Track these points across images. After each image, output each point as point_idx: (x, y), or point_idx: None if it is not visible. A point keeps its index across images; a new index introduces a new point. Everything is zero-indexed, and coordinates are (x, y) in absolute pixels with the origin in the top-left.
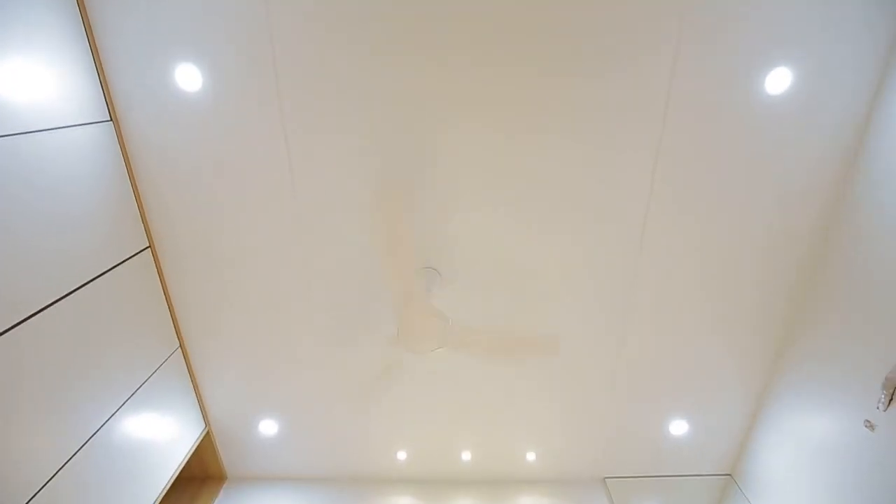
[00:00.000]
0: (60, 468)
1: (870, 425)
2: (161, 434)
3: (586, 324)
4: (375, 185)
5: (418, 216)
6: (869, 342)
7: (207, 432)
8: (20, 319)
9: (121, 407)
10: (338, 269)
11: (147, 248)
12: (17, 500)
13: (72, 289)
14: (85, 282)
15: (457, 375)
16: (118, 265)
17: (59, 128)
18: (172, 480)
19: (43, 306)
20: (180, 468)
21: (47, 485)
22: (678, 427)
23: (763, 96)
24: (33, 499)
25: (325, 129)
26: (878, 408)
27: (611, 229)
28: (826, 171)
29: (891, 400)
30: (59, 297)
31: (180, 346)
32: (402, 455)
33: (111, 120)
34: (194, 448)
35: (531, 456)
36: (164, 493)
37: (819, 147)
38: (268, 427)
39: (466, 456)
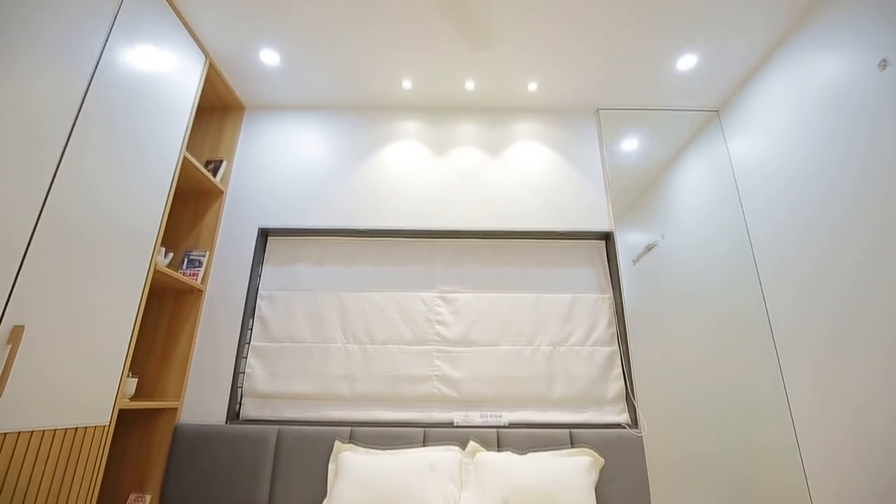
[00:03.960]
0: (80, 106)
1: (884, 64)
2: (164, 66)
3: None
4: None
5: None
6: None
7: (210, 63)
8: None
9: (108, 36)
10: None
11: None
12: (52, 139)
13: None
14: None
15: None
16: None
17: None
18: (195, 109)
19: None
20: (198, 97)
21: (75, 125)
22: (678, 61)
23: None
24: (67, 144)
25: None
26: None
27: None
28: None
29: None
30: None
31: None
32: (407, 84)
33: None
34: (203, 78)
35: (532, 86)
36: (192, 121)
37: None
38: (269, 57)
39: (470, 85)
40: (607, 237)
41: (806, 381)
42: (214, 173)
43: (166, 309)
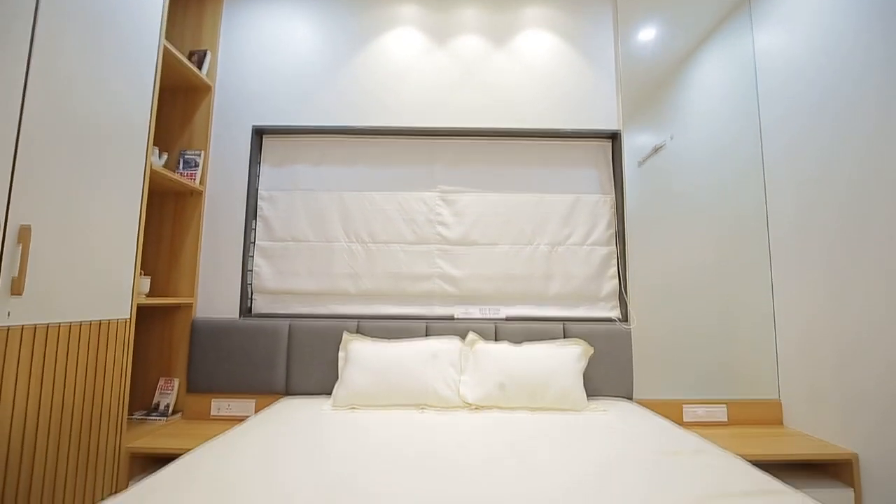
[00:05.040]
0: None
1: None
2: None
3: None
4: None
5: None
6: None
7: None
8: None
9: None
10: None
11: None
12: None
13: None
14: None
15: None
16: None
17: None
18: None
19: None
20: None
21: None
22: None
23: None
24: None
25: None
26: None
27: None
28: None
29: None
30: None
31: None
32: None
33: None
34: None
35: None
36: (167, 5)
37: None
38: None
39: None
40: (614, 137)
41: (793, 282)
42: (199, 66)
43: (168, 211)
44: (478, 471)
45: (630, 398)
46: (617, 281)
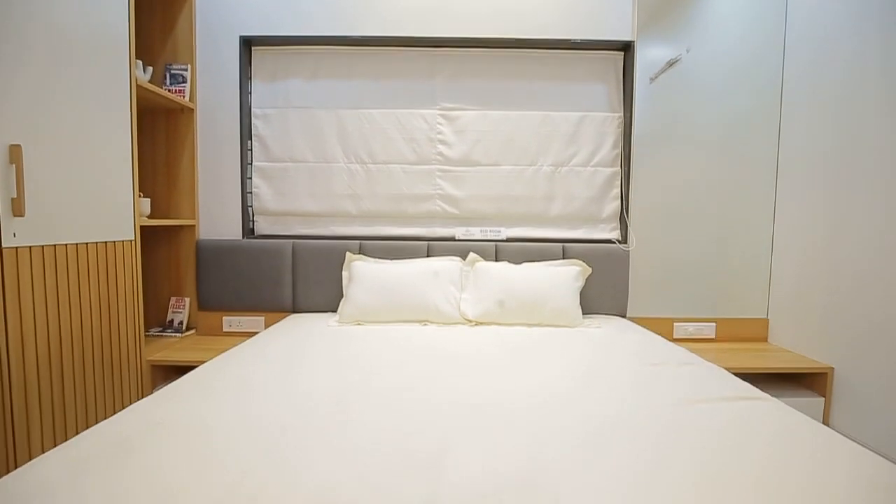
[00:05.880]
0: None
1: None
2: None
3: None
4: None
5: None
6: None
7: None
8: None
9: None
10: None
11: None
12: None
13: None
14: None
15: None
16: None
17: None
18: None
19: None
20: None
21: None
22: None
23: None
24: None
25: None
26: None
27: None
28: None
29: None
30: None
31: None
32: None
33: None
34: None
35: None
36: None
37: None
38: None
39: None
40: (626, 48)
41: (795, 207)
42: None
43: (161, 130)
44: (476, 372)
45: (624, 316)
46: (619, 203)
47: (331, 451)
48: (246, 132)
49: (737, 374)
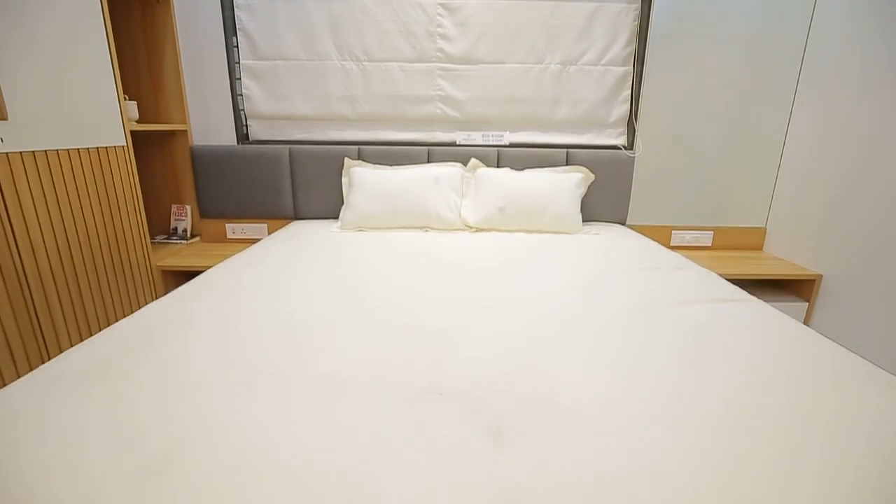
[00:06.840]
0: None
1: None
2: None
3: None
4: None
5: None
6: None
7: None
8: None
9: None
10: None
11: None
12: None
13: None
14: None
15: None
16: None
17: None
18: None
19: None
20: None
21: None
22: None
23: None
24: None
25: None
26: None
27: None
28: None
29: None
30: None
31: None
32: None
33: None
34: None
35: None
36: None
37: None
38: None
39: None
40: None
41: (811, 116)
42: None
43: (136, 22)
44: (476, 275)
45: (624, 224)
46: (628, 105)
47: (340, 343)
48: (230, 25)
49: (727, 280)
